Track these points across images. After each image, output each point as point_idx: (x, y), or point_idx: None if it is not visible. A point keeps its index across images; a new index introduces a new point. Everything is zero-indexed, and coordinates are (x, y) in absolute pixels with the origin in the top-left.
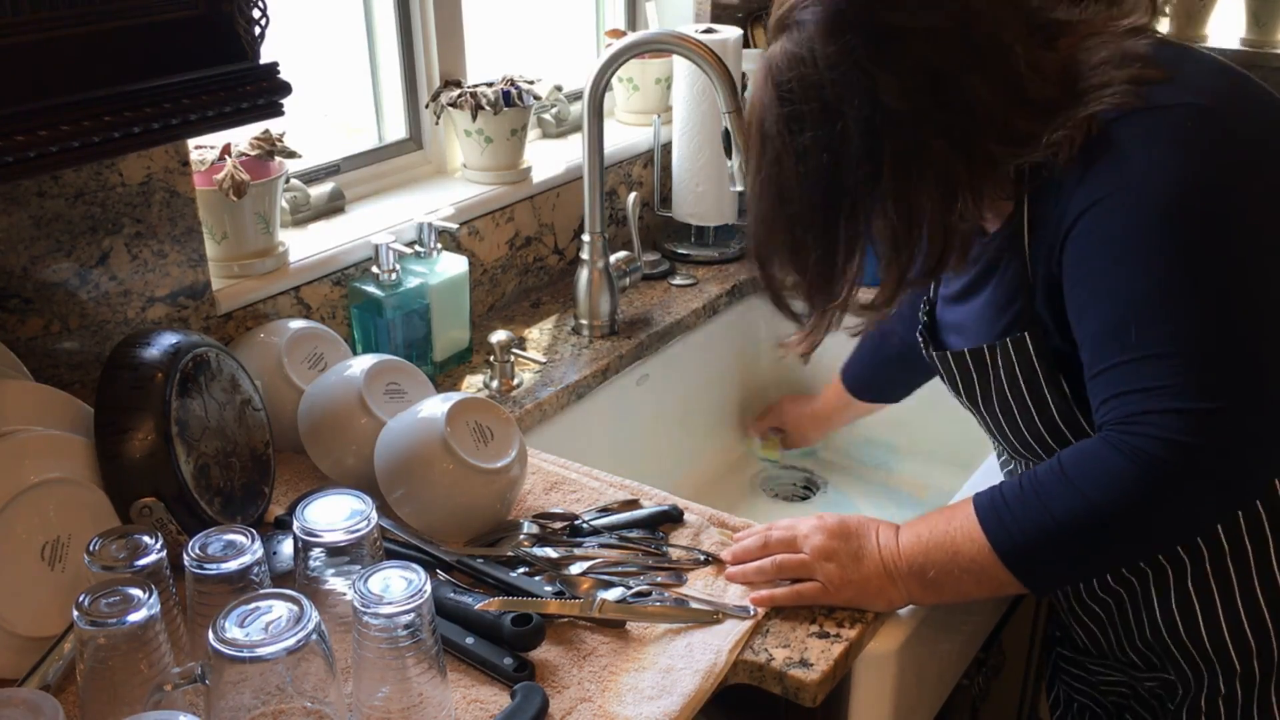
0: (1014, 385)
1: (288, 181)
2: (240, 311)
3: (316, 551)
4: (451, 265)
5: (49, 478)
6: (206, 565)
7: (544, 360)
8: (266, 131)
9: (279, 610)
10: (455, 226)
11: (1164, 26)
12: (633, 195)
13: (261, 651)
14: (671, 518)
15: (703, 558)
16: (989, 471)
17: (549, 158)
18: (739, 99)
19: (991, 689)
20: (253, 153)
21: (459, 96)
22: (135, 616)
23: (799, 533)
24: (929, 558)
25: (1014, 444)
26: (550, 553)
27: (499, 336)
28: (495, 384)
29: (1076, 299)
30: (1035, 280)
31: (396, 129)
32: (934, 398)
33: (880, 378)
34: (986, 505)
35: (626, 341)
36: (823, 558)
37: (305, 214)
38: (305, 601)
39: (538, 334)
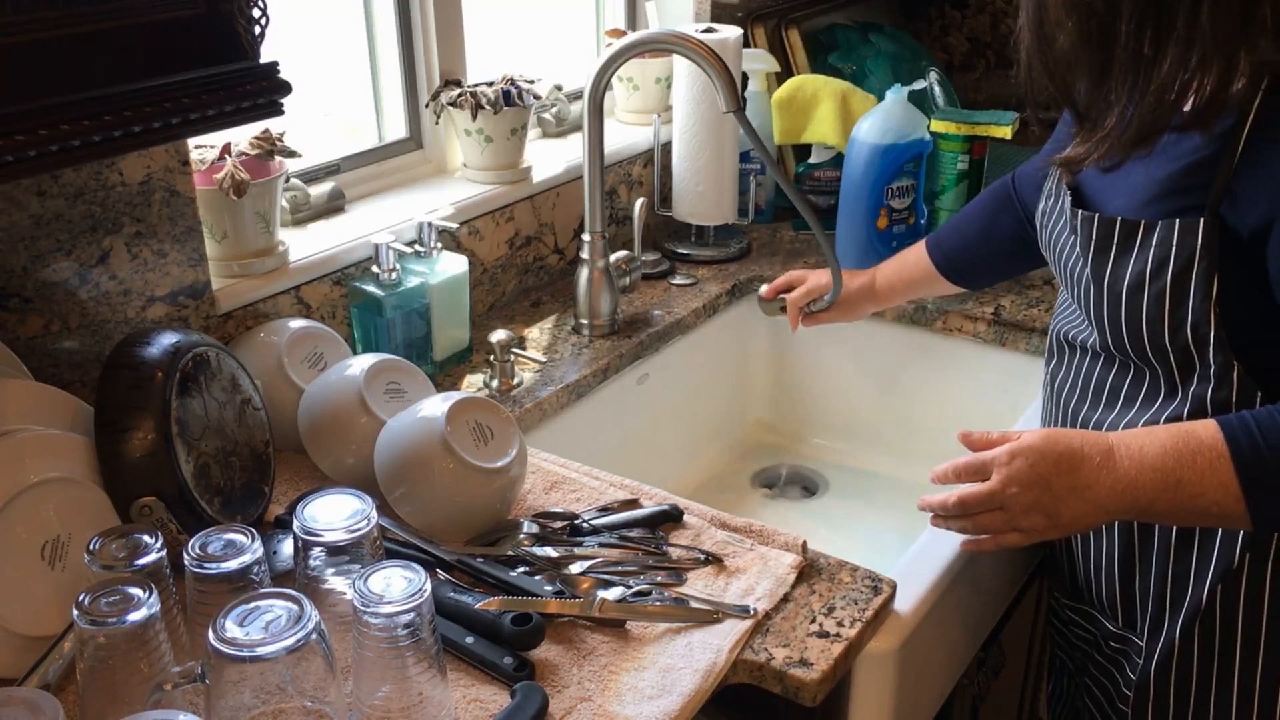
0: (1159, 270)
1: (288, 181)
2: (240, 311)
3: (316, 551)
4: (451, 265)
5: (49, 477)
6: (206, 565)
7: (544, 360)
8: (266, 131)
9: (279, 610)
10: (455, 226)
11: None
12: (640, 201)
13: (261, 651)
14: (671, 517)
15: (702, 557)
16: None
17: (549, 157)
18: (739, 99)
19: (991, 689)
20: (253, 152)
21: (459, 96)
22: (135, 616)
23: (996, 485)
24: (1159, 497)
25: (1118, 336)
26: (550, 552)
27: (499, 336)
28: (495, 383)
29: None
30: (1238, 183)
31: (396, 128)
32: (935, 397)
33: (979, 258)
34: (1250, 465)
35: (626, 341)
36: (1024, 509)
37: (305, 213)
38: (305, 601)
39: (538, 333)
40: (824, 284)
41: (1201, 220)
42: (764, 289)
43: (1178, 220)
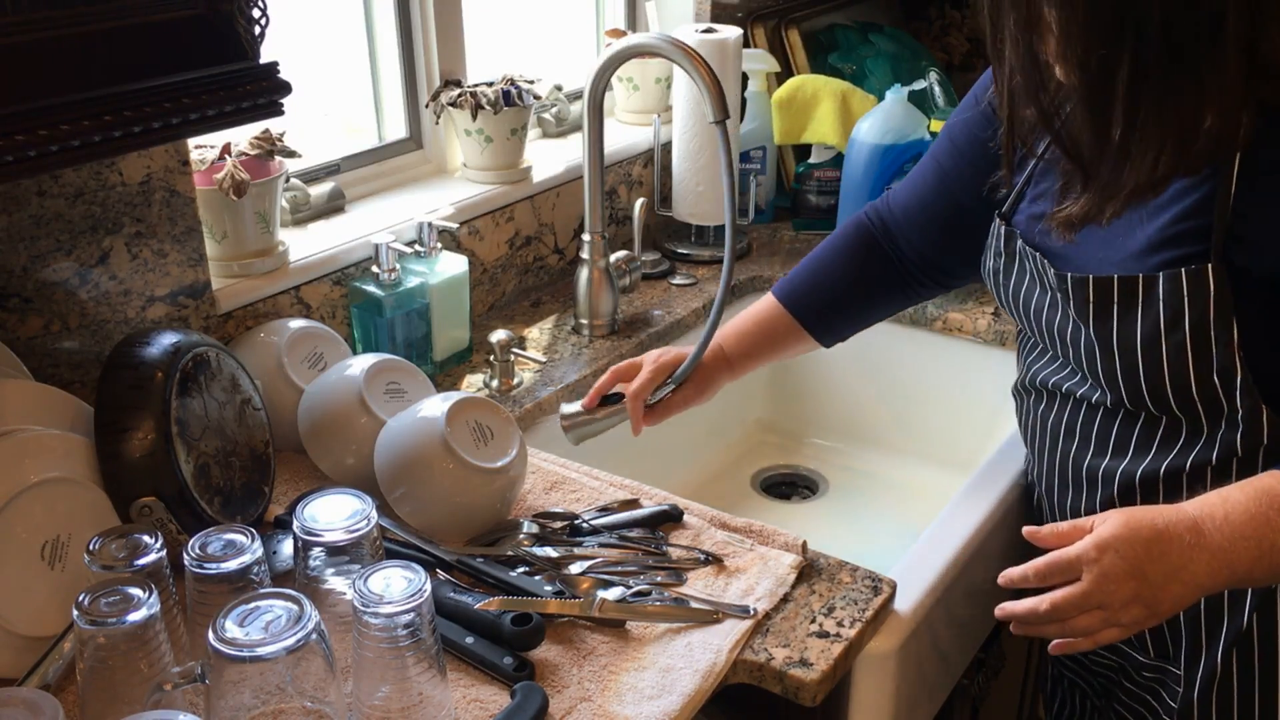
0: (1174, 324)
1: (288, 181)
2: (240, 311)
3: (316, 551)
4: (451, 265)
5: (49, 477)
6: (206, 565)
7: (544, 360)
8: (266, 131)
9: (279, 610)
10: (455, 226)
11: None
12: (640, 201)
13: (261, 651)
14: (671, 517)
15: (702, 557)
16: (989, 472)
17: (549, 157)
18: (727, 109)
19: (991, 689)
20: (253, 152)
21: (459, 96)
22: (135, 616)
23: (1090, 586)
24: (1256, 565)
25: (1134, 392)
26: (550, 552)
27: (499, 336)
28: (495, 383)
29: None
30: (1246, 225)
31: (396, 128)
32: (935, 397)
33: (846, 310)
34: None
35: (626, 341)
36: (1124, 604)
37: (305, 213)
38: (305, 601)
39: (538, 333)
40: (668, 362)
41: (1210, 268)
42: (577, 404)
43: (1183, 271)
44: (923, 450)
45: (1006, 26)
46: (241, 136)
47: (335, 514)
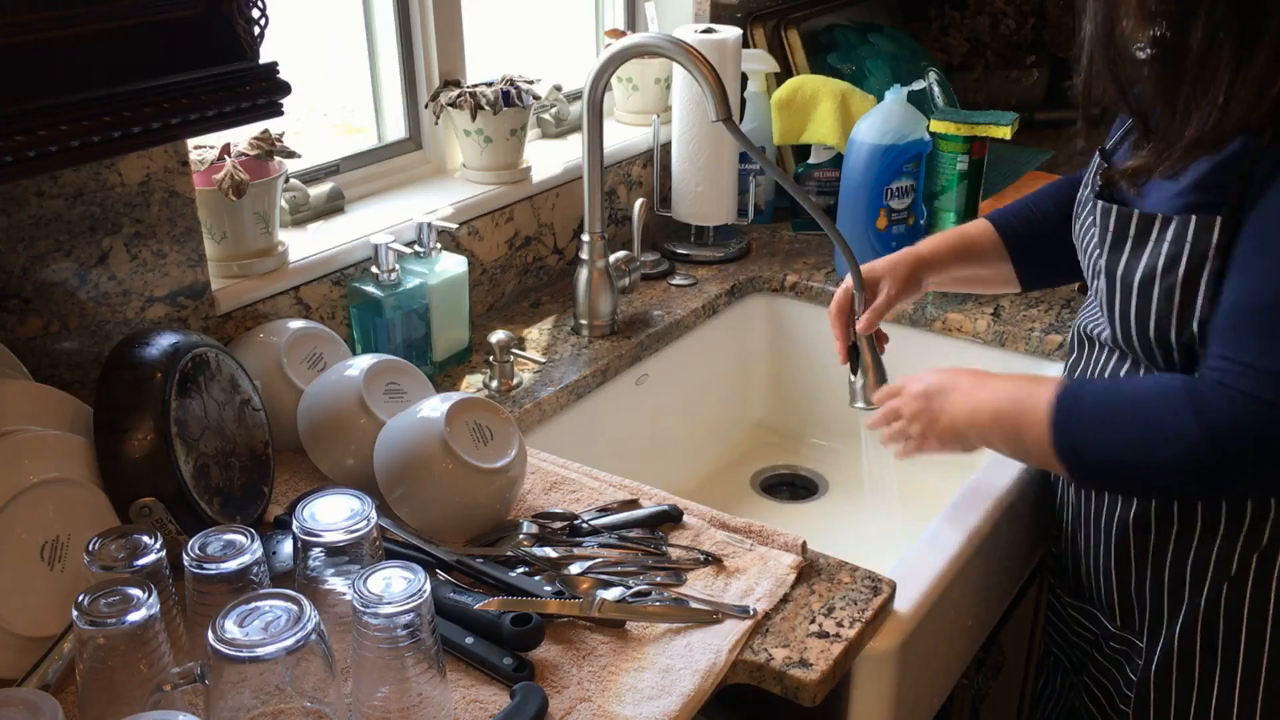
0: (1170, 267)
1: (287, 181)
2: (240, 311)
3: (316, 551)
4: (451, 265)
5: (49, 478)
6: (206, 565)
7: (543, 360)
8: (266, 131)
9: (278, 610)
10: (455, 226)
11: None
12: (639, 201)
13: (261, 651)
14: (671, 518)
15: (702, 558)
16: (989, 472)
17: (549, 158)
18: (729, 107)
19: (991, 689)
20: (252, 153)
21: (458, 96)
22: (135, 616)
23: (896, 403)
24: (994, 431)
25: (1126, 329)
26: (550, 553)
27: (498, 336)
28: (495, 384)
29: (1253, 235)
30: (1259, 179)
31: (396, 129)
32: None
33: (1051, 243)
34: (1065, 411)
35: (626, 341)
36: (912, 415)
37: (305, 214)
38: (305, 601)
39: (537, 334)
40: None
41: (1219, 219)
42: (857, 381)
43: (1194, 217)
44: None
45: None
46: (241, 137)
47: (335, 514)
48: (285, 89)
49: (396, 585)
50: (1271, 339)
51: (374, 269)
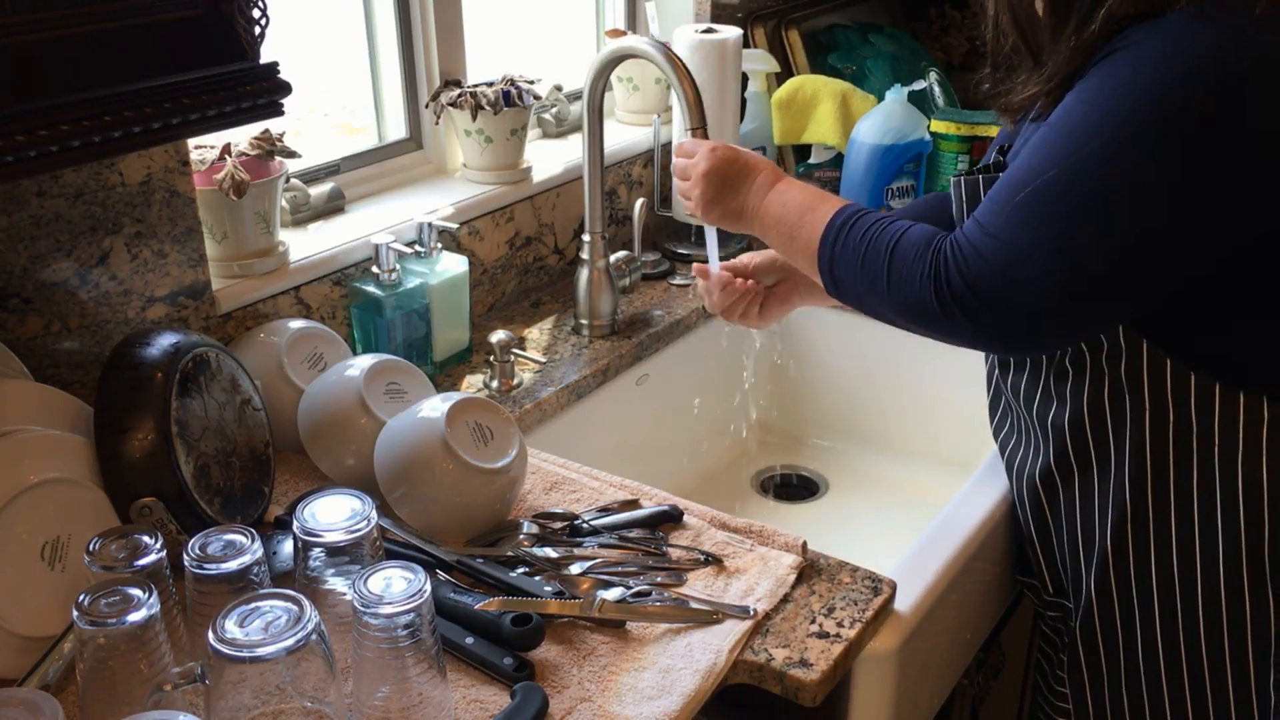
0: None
1: (288, 181)
2: (240, 311)
3: (316, 551)
4: (451, 265)
5: (49, 478)
6: (206, 565)
7: (544, 360)
8: (266, 131)
9: (279, 610)
10: (455, 226)
11: None
12: (640, 201)
13: (261, 651)
14: (671, 518)
15: (703, 558)
16: (989, 472)
17: (549, 158)
18: (704, 117)
19: (991, 689)
20: (253, 152)
21: (459, 96)
22: (135, 616)
23: (691, 184)
24: (777, 227)
25: None
26: (550, 553)
27: (499, 336)
28: (495, 384)
29: (1043, 130)
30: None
31: (396, 129)
32: (935, 397)
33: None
34: (835, 231)
35: (626, 341)
36: (692, 186)
37: (305, 214)
38: (305, 601)
39: (538, 334)
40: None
41: (980, 179)
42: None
43: (963, 179)
44: (923, 450)
45: None
46: (241, 137)
47: (335, 514)
48: (286, 89)
49: (397, 585)
50: (1006, 206)
51: (374, 269)
